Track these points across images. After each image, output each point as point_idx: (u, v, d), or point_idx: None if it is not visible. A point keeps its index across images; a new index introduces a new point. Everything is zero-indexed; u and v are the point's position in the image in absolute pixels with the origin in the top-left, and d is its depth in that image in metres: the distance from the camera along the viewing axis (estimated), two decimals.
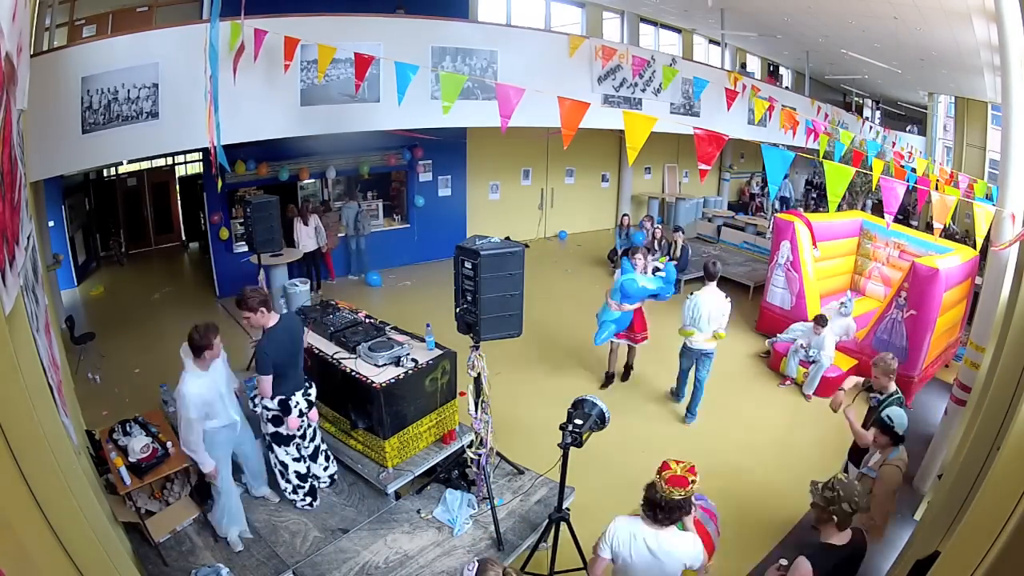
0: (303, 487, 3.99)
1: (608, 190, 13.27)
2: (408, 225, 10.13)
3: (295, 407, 3.76)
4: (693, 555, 2.57)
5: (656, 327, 6.21)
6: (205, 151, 7.03)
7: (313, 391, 3.93)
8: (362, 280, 9.42)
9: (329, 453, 4.25)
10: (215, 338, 3.36)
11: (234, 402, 3.64)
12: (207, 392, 3.36)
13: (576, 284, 9.74)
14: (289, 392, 3.73)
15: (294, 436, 3.87)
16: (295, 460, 3.92)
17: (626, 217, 10.87)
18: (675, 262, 9.27)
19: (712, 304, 5.32)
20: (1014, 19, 3.84)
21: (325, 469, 4.17)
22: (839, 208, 8.25)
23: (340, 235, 9.30)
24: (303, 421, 3.86)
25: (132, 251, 10.87)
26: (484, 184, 11.28)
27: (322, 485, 4.19)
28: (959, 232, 11.06)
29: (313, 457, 4.08)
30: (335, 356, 4.33)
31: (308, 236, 8.31)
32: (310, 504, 4.03)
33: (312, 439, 4.04)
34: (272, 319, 3.63)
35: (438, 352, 4.43)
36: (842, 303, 6.65)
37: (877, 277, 8.09)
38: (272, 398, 3.68)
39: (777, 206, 14.66)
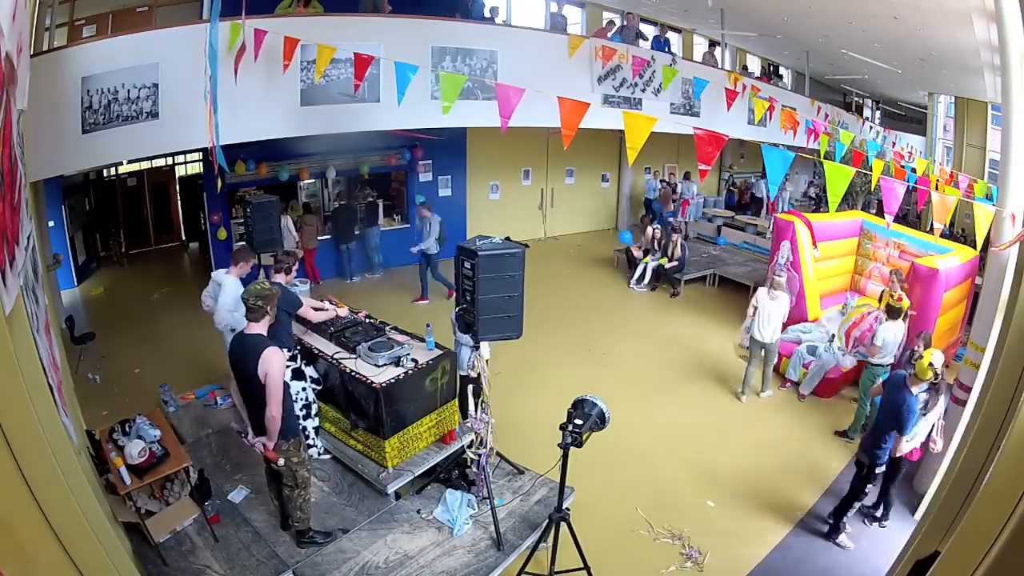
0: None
1: (608, 190, 13.28)
2: (408, 225, 10.12)
3: None
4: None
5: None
6: (205, 151, 7.03)
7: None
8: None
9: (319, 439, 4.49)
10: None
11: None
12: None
13: (577, 284, 9.74)
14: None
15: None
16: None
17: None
18: (675, 263, 9.30)
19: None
20: (1014, 19, 3.85)
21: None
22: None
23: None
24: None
25: (132, 251, 10.86)
26: (484, 184, 11.28)
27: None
28: (960, 231, 11.06)
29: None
30: (335, 356, 4.33)
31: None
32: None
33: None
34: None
35: (438, 352, 4.43)
36: (843, 305, 6.65)
37: (877, 277, 8.07)
38: None
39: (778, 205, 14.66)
